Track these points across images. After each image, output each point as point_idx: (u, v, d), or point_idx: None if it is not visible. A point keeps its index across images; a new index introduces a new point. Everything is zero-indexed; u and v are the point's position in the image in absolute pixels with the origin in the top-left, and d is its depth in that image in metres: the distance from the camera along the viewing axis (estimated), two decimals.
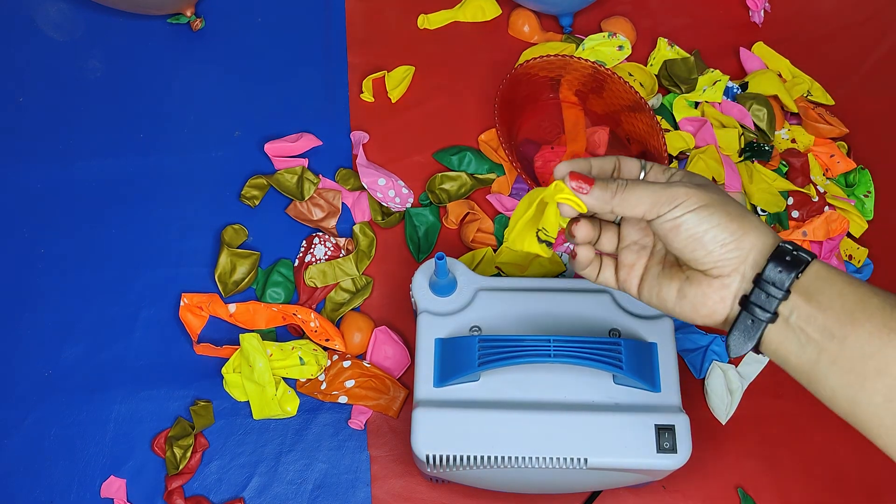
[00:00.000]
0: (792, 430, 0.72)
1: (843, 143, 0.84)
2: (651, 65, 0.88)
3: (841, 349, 0.43)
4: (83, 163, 0.83)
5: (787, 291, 0.44)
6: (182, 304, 0.75)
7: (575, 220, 0.51)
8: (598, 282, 0.54)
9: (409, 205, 0.80)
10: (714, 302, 0.47)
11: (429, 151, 0.83)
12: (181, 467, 0.70)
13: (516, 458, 0.59)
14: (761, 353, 0.47)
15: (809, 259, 0.45)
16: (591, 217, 0.53)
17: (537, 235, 0.50)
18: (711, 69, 0.87)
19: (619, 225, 0.53)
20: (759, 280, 0.45)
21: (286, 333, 0.75)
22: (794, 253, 0.45)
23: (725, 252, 0.46)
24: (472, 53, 0.89)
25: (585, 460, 0.59)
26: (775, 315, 0.45)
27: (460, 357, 0.61)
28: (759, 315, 0.45)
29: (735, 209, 0.46)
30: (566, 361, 0.58)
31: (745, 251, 0.45)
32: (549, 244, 0.51)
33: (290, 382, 0.73)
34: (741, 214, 0.46)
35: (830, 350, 0.43)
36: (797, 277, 0.44)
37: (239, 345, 0.72)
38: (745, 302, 0.45)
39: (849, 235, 0.80)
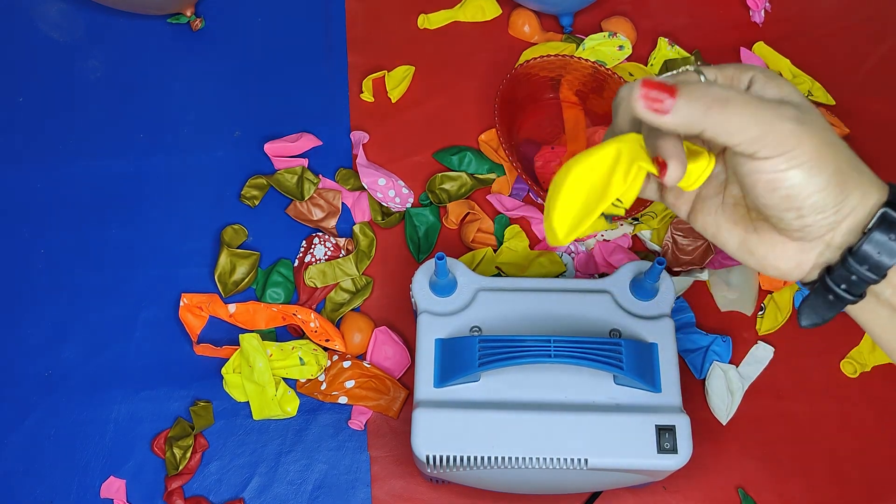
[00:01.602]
0: (793, 431, 0.72)
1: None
2: (651, 65, 0.88)
3: None
4: (83, 163, 0.83)
5: (883, 275, 0.37)
6: (182, 304, 0.75)
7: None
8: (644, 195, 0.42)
9: (409, 205, 0.80)
10: (787, 266, 0.39)
11: (429, 151, 0.83)
12: (181, 468, 0.70)
13: (517, 458, 0.59)
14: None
15: None
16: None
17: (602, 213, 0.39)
18: None
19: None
20: (851, 254, 0.37)
21: (286, 334, 0.75)
22: None
23: (821, 219, 0.37)
24: (472, 53, 0.89)
25: (586, 461, 0.59)
26: (862, 295, 0.38)
27: (460, 357, 0.61)
28: (843, 295, 0.38)
29: (846, 161, 0.37)
30: (566, 362, 0.58)
31: (841, 216, 0.37)
32: (610, 217, 0.42)
33: (290, 383, 0.73)
34: (850, 169, 0.37)
35: None
36: None
37: (239, 345, 0.72)
38: (828, 275, 0.38)
39: None
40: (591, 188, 0.38)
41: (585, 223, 0.39)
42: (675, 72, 0.40)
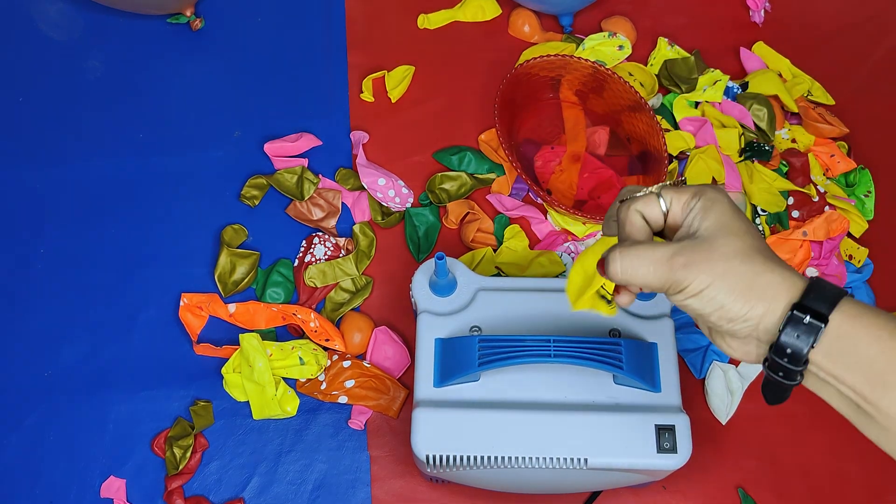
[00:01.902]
0: (792, 431, 0.72)
1: (844, 142, 0.84)
2: (651, 64, 0.88)
3: (877, 412, 0.41)
4: (83, 163, 0.83)
5: (806, 361, 0.42)
6: (182, 304, 0.75)
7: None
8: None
9: (409, 205, 0.80)
10: (740, 355, 0.46)
11: (429, 151, 0.83)
12: (181, 467, 0.70)
13: (516, 458, 0.59)
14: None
15: (825, 320, 0.41)
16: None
17: (601, 295, 0.50)
18: (712, 69, 0.87)
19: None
20: (775, 348, 0.43)
21: (286, 333, 0.75)
22: (807, 321, 0.41)
23: (734, 325, 0.43)
24: (472, 53, 0.89)
25: (586, 460, 0.59)
26: (801, 377, 0.43)
27: (460, 357, 0.61)
28: (784, 379, 0.43)
29: (742, 279, 0.43)
30: (566, 362, 0.58)
31: (755, 321, 0.43)
32: (610, 301, 0.51)
33: (290, 382, 0.73)
34: (749, 284, 0.43)
35: (867, 410, 0.42)
36: (812, 346, 0.42)
37: (239, 345, 0.72)
38: (765, 365, 0.44)
39: (849, 235, 0.80)
40: (585, 277, 0.50)
41: (583, 299, 0.50)
42: (640, 193, 0.47)
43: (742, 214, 0.45)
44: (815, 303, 0.42)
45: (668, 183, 0.48)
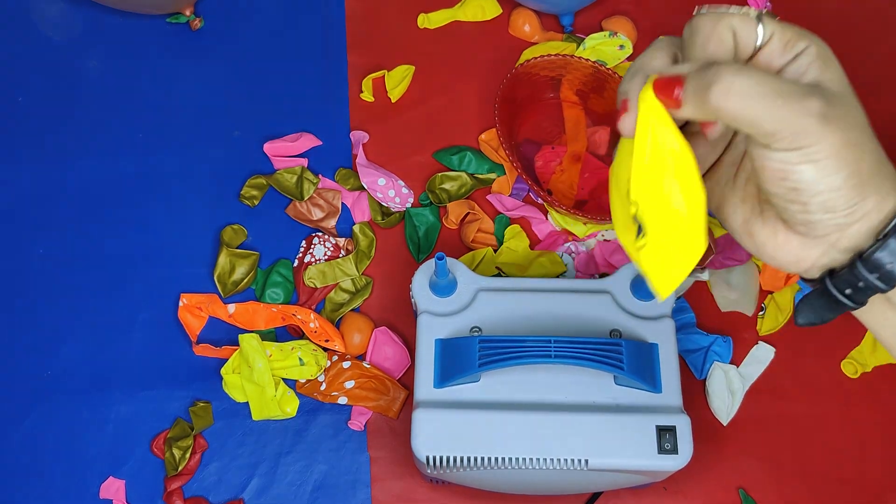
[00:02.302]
0: (794, 432, 0.72)
1: None
2: None
3: None
4: (82, 162, 0.83)
5: (890, 285, 0.35)
6: (181, 304, 0.75)
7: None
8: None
9: (409, 205, 0.80)
10: (785, 259, 0.37)
11: (429, 151, 0.83)
12: (180, 468, 0.69)
13: (517, 459, 0.59)
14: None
15: None
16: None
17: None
18: None
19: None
20: (862, 260, 0.35)
21: (286, 334, 0.75)
22: None
23: (828, 218, 0.35)
24: (473, 53, 0.89)
25: (586, 461, 0.59)
26: (864, 303, 0.36)
27: (461, 358, 0.60)
28: (845, 301, 0.36)
29: (869, 163, 0.35)
30: (567, 362, 0.58)
31: (853, 219, 0.35)
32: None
33: (290, 383, 0.73)
34: (872, 172, 0.35)
35: None
36: None
37: (238, 345, 0.72)
38: (831, 278, 0.36)
39: None
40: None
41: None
42: (730, 9, 0.36)
43: None
44: None
45: (763, 10, 0.37)
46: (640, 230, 0.35)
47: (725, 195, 0.39)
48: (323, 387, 0.72)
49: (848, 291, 0.36)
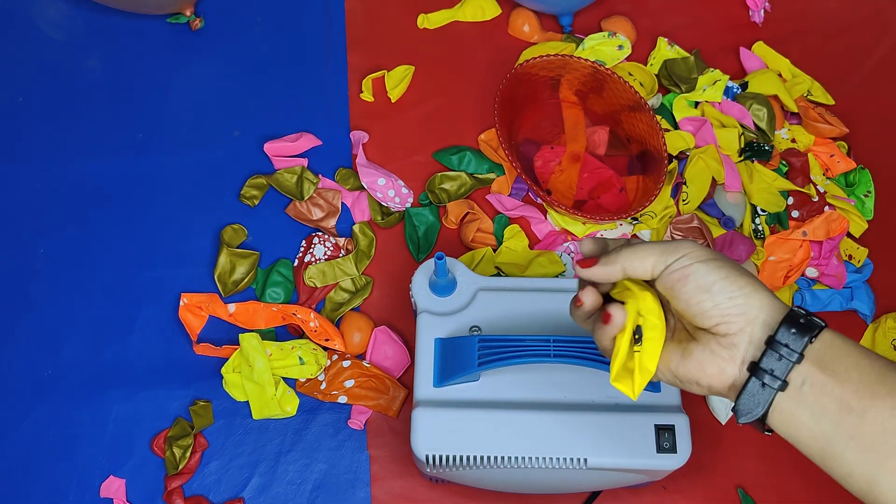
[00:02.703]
0: None
1: (844, 142, 0.84)
2: (651, 64, 0.88)
3: (860, 424, 0.41)
4: (83, 162, 0.83)
5: (801, 356, 0.42)
6: (181, 303, 0.75)
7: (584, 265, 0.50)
8: (596, 337, 0.49)
9: (408, 204, 0.80)
10: (722, 361, 0.44)
11: (429, 151, 0.83)
12: (181, 467, 0.70)
13: (516, 458, 0.59)
14: (769, 432, 0.45)
15: (823, 324, 0.43)
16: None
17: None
18: (711, 69, 0.87)
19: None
20: (770, 342, 0.42)
21: (286, 333, 0.75)
22: (807, 317, 0.43)
23: (733, 306, 0.43)
24: (472, 53, 0.89)
25: (585, 460, 0.59)
26: (786, 382, 0.42)
27: (460, 357, 0.61)
28: (770, 381, 0.42)
29: (743, 269, 0.45)
30: (566, 362, 0.58)
31: (754, 309, 0.43)
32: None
33: (290, 382, 0.73)
34: (750, 275, 0.45)
35: (848, 424, 0.41)
36: (811, 341, 0.42)
37: (238, 345, 0.72)
38: (755, 367, 0.43)
39: (849, 235, 0.80)
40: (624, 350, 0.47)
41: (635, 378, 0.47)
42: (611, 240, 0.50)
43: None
44: (808, 314, 0.44)
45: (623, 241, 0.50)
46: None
47: (665, 352, 0.47)
48: (323, 386, 0.72)
49: (771, 370, 0.42)
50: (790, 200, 0.80)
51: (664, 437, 0.59)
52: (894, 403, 0.40)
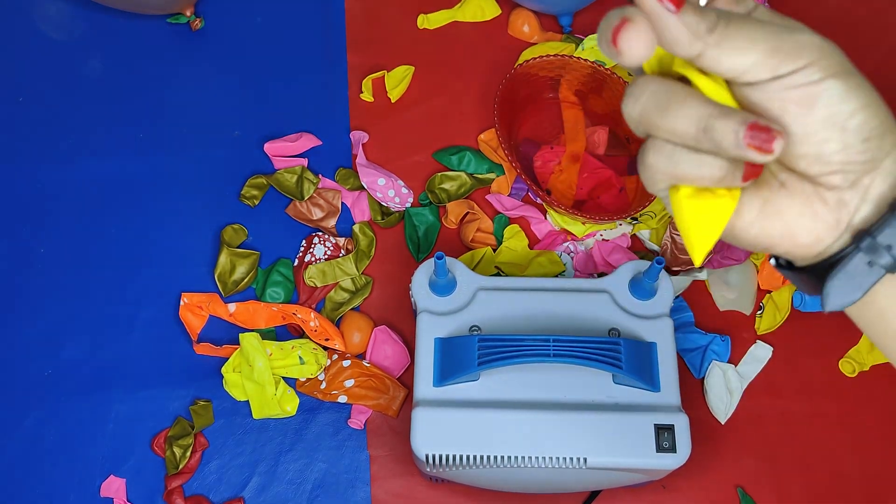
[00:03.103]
0: (791, 430, 0.72)
1: None
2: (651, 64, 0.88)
3: None
4: (83, 162, 0.83)
5: None
6: (182, 303, 0.75)
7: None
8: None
9: (408, 204, 0.80)
10: (820, 222, 0.32)
11: (428, 151, 0.83)
12: (181, 467, 0.70)
13: (516, 457, 0.59)
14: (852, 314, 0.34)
15: None
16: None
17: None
18: None
19: None
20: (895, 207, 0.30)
21: (286, 333, 0.75)
22: None
23: (866, 150, 0.30)
24: (472, 53, 0.89)
25: (585, 460, 0.59)
26: None
27: (460, 357, 0.61)
28: (883, 258, 0.31)
29: (877, 94, 0.31)
30: (566, 361, 0.58)
31: (885, 150, 0.31)
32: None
33: (290, 382, 0.73)
34: (886, 105, 0.31)
35: None
36: None
37: (239, 344, 0.72)
38: (864, 236, 0.31)
39: None
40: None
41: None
42: None
43: None
44: None
45: None
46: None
47: (741, 207, 0.34)
48: (323, 385, 0.72)
49: (885, 245, 0.31)
50: None
51: (664, 437, 0.59)
52: None
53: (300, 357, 0.71)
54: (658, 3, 0.29)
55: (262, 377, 0.71)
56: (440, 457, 0.59)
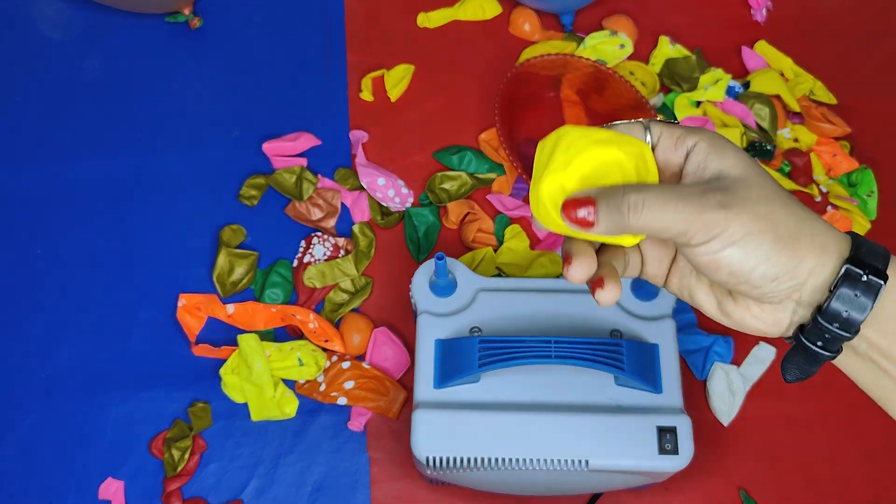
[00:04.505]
0: (794, 432, 0.72)
1: (846, 142, 0.84)
2: (653, 63, 0.88)
3: None
4: (81, 162, 0.82)
5: (857, 330, 0.37)
6: (180, 304, 0.75)
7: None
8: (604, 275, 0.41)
9: (408, 205, 0.80)
10: (764, 325, 0.39)
11: (429, 151, 0.83)
12: (179, 469, 0.69)
13: (517, 459, 0.59)
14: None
15: (883, 280, 0.36)
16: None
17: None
18: (713, 68, 0.87)
19: None
20: (821, 313, 0.37)
21: (285, 334, 0.75)
22: (866, 278, 0.36)
23: (776, 286, 0.37)
24: (473, 52, 0.89)
25: (586, 462, 0.59)
26: (839, 351, 0.38)
27: (460, 358, 0.60)
28: (819, 352, 0.38)
29: (790, 228, 0.36)
30: (567, 363, 0.57)
31: (801, 279, 0.37)
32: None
33: (289, 384, 0.73)
34: (796, 232, 0.36)
35: None
36: (871, 308, 0.36)
37: (237, 346, 0.72)
38: (802, 333, 0.38)
39: None
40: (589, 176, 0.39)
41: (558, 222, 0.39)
42: (622, 122, 0.40)
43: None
44: (871, 258, 0.36)
45: (657, 118, 0.42)
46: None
47: (692, 288, 0.41)
48: (322, 387, 0.72)
49: (819, 343, 0.38)
50: None
51: (666, 439, 0.59)
52: None
53: (299, 359, 0.71)
54: (573, 223, 0.37)
55: (261, 379, 0.70)
56: (440, 459, 0.59)
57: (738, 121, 0.83)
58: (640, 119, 0.40)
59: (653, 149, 0.39)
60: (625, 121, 0.40)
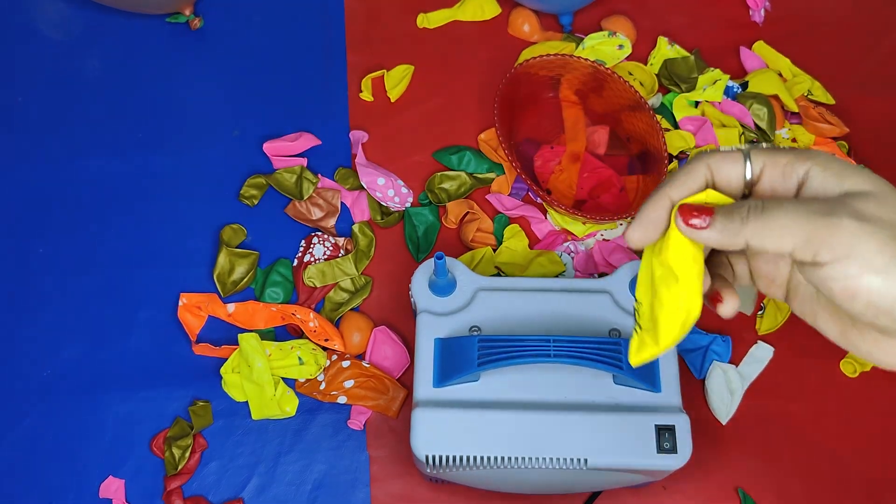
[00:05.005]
0: (793, 431, 0.72)
1: (844, 142, 0.84)
2: (651, 64, 0.88)
3: None
4: (81, 162, 0.83)
5: None
6: (180, 303, 0.75)
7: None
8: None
9: (408, 204, 0.80)
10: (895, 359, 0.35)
11: (428, 151, 0.83)
12: (180, 468, 0.69)
13: (516, 458, 0.59)
14: None
15: None
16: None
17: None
18: (712, 68, 0.87)
19: None
20: None
21: (285, 333, 0.75)
22: None
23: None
24: (472, 52, 0.89)
25: (585, 461, 0.59)
26: None
27: (460, 357, 0.60)
28: None
29: None
30: (566, 362, 0.58)
31: None
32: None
33: (290, 382, 0.73)
34: None
35: None
36: None
37: (238, 345, 0.72)
38: None
39: None
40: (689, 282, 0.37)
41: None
42: (723, 148, 0.36)
43: None
44: None
45: (762, 144, 0.37)
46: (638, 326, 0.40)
47: (815, 312, 0.37)
48: (322, 386, 0.72)
49: None
50: None
51: (665, 438, 0.59)
52: None
53: (299, 357, 0.71)
54: (686, 227, 0.34)
55: (262, 378, 0.71)
56: (440, 458, 0.59)
57: (736, 121, 0.83)
58: (741, 146, 0.36)
59: (754, 182, 0.36)
60: (725, 147, 0.36)
